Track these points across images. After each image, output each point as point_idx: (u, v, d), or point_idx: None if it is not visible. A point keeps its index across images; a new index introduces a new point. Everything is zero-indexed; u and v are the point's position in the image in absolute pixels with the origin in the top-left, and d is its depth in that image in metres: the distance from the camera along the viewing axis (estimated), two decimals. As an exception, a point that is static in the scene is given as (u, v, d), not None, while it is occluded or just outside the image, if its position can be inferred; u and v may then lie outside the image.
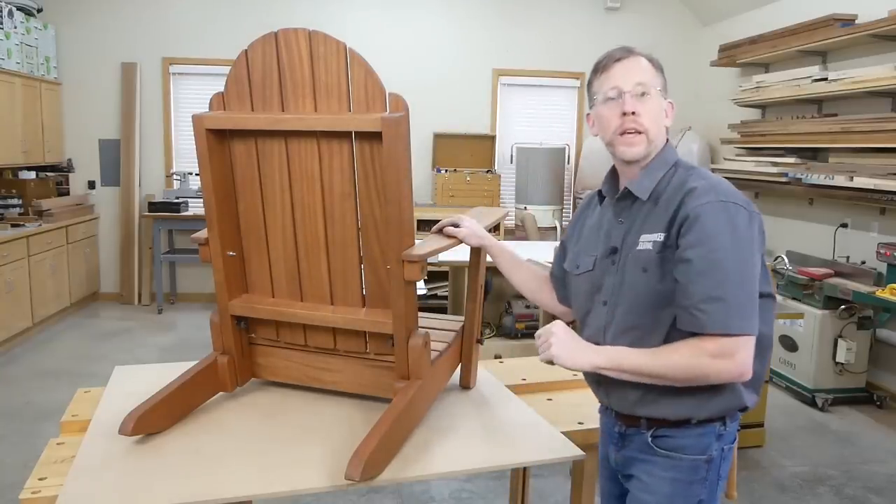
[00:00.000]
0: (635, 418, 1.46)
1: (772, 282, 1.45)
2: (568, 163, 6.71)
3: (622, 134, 1.41)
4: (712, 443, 1.40)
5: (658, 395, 1.39)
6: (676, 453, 1.41)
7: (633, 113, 1.40)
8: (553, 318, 1.66)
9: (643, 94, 1.41)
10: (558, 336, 1.39)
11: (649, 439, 1.45)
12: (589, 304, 1.54)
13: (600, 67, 1.46)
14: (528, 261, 1.86)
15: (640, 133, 1.41)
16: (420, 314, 1.76)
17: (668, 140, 1.48)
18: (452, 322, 2.00)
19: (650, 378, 1.35)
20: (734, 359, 1.28)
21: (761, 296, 1.36)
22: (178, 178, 6.31)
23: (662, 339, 1.37)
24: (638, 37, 6.73)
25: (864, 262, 4.36)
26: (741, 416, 1.47)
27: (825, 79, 4.66)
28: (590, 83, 1.49)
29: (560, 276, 1.70)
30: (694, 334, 1.31)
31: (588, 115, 1.53)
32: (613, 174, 1.54)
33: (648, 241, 1.39)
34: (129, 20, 6.31)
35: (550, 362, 1.40)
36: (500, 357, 3.05)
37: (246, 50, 1.66)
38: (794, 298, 4.41)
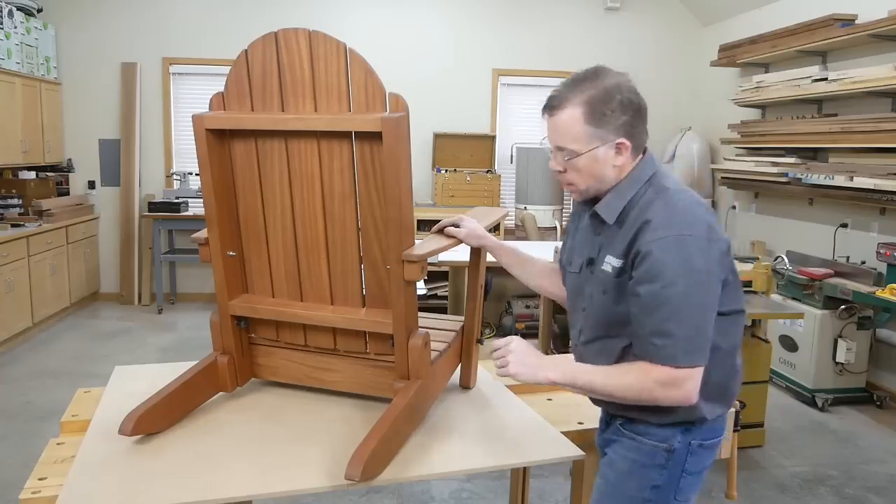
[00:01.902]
0: None
1: (742, 296, 1.45)
2: (568, 163, 6.70)
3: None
4: (676, 434, 1.43)
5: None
6: (639, 437, 1.46)
7: (561, 171, 1.43)
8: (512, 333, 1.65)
9: (567, 158, 1.41)
10: (515, 353, 1.45)
11: (619, 422, 1.50)
12: (573, 303, 1.59)
13: (543, 109, 1.45)
14: None
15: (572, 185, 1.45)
16: (420, 314, 1.76)
17: (643, 155, 1.45)
18: (452, 322, 2.00)
19: (602, 395, 1.41)
20: (680, 388, 1.32)
21: (729, 313, 1.39)
22: (178, 178, 6.30)
23: (624, 351, 1.42)
24: (638, 37, 6.74)
25: (864, 262, 4.36)
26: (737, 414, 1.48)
27: (825, 79, 4.66)
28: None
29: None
30: None
31: None
32: None
33: (609, 263, 1.42)
34: (129, 20, 6.30)
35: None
36: (500, 357, 3.05)
37: (246, 50, 1.66)
38: (794, 298, 4.41)
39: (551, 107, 1.40)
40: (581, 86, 1.38)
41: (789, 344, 4.41)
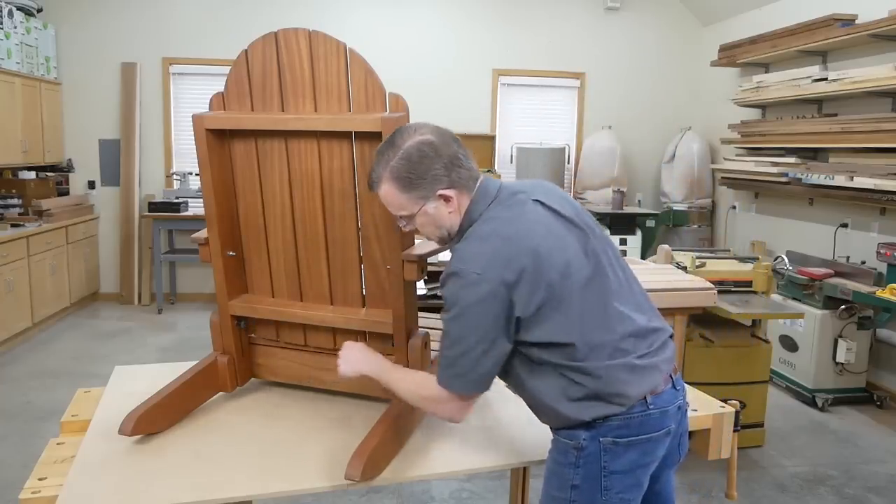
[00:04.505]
0: None
1: (570, 327, 1.40)
2: (568, 163, 6.71)
3: None
4: (581, 432, 1.45)
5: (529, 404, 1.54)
6: (557, 437, 1.51)
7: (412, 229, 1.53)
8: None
9: (405, 223, 1.50)
10: (343, 353, 1.63)
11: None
12: None
13: (368, 187, 1.52)
14: None
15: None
16: (420, 314, 1.76)
17: (478, 188, 1.48)
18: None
19: (395, 393, 1.54)
20: (439, 406, 1.47)
21: (550, 345, 1.40)
22: (178, 178, 6.30)
23: (515, 372, 1.48)
24: (638, 37, 6.74)
25: (864, 262, 4.36)
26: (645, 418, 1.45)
27: (825, 79, 4.65)
28: None
29: None
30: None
31: None
32: None
33: None
34: (129, 20, 6.30)
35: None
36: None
37: (246, 50, 1.66)
38: (794, 298, 4.41)
39: (370, 186, 1.48)
40: (384, 157, 1.43)
41: (789, 344, 4.41)
